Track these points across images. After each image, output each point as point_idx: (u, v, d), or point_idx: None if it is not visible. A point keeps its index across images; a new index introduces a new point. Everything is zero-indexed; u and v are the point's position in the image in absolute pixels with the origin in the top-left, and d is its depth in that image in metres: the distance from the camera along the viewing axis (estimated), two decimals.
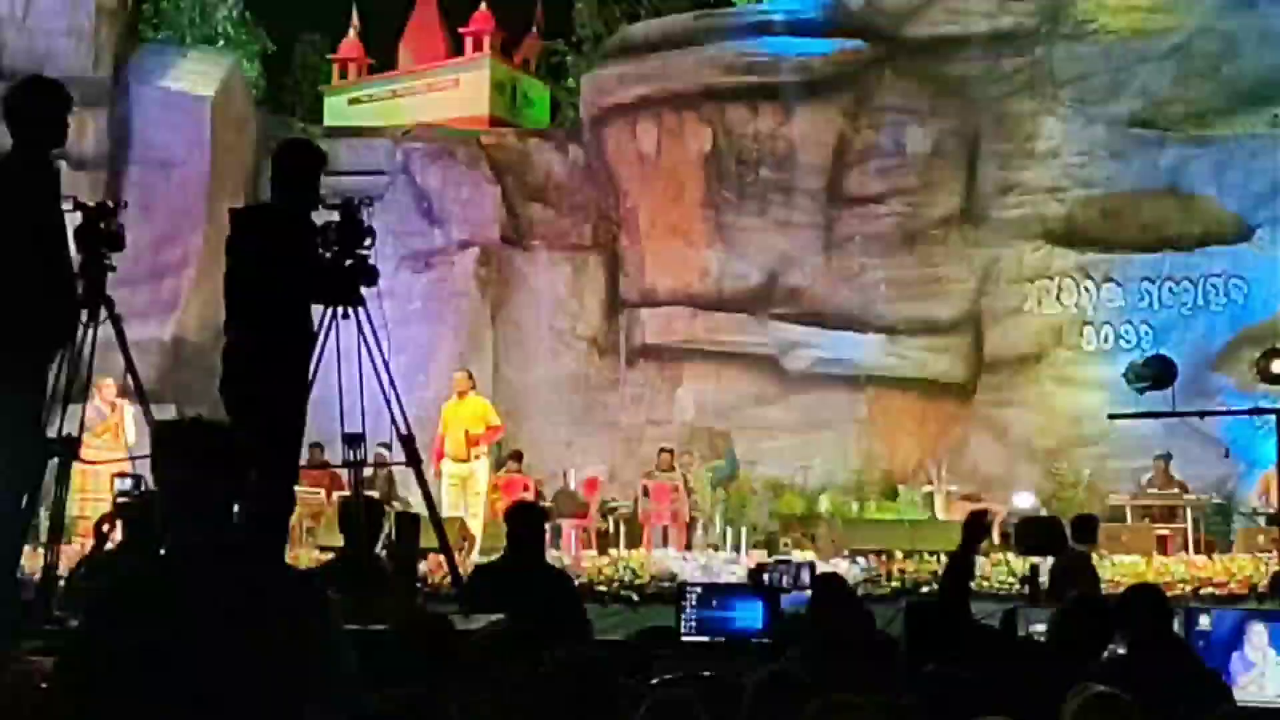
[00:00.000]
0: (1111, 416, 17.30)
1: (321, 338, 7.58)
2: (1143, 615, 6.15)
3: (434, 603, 9.69)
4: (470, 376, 17.63)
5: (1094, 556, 11.96)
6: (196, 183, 21.45)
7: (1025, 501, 17.92)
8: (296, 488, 8.02)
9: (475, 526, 16.39)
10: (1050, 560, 10.44)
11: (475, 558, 13.79)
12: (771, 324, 21.55)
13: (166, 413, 17.44)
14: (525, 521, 7.97)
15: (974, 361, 21.21)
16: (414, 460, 8.46)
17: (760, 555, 14.65)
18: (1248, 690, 6.74)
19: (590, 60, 24.04)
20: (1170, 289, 20.10)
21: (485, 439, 17.16)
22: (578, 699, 4.70)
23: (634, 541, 18.06)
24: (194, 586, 3.65)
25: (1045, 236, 20.77)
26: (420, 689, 4.80)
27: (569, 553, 15.92)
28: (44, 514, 8.06)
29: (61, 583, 8.10)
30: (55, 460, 7.29)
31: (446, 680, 5.02)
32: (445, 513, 15.37)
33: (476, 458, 16.83)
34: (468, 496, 16.70)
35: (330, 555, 10.94)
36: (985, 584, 13.30)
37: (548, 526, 11.48)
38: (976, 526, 7.20)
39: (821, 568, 10.06)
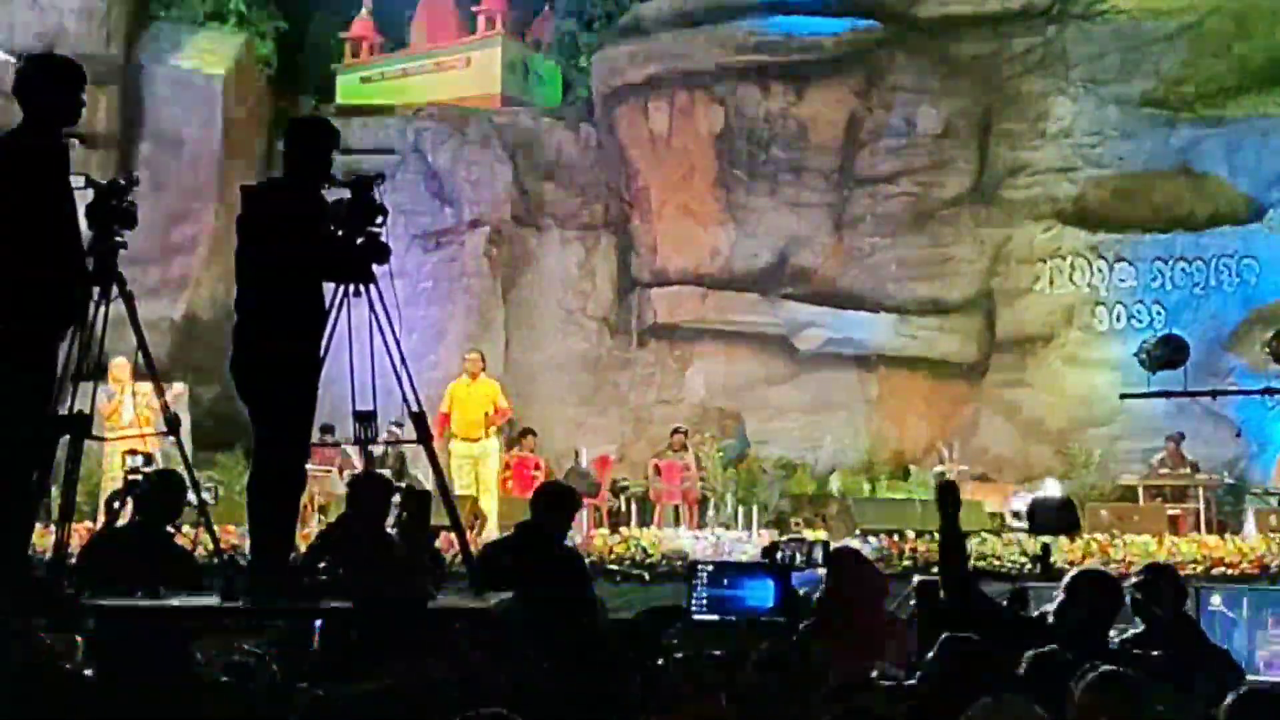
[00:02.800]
0: (1123, 396, 17.28)
1: (333, 316, 7.56)
2: (1159, 595, 6.13)
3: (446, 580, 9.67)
4: (482, 358, 17.64)
5: None
6: (208, 161, 21.52)
7: (1054, 489, 17.72)
8: (308, 466, 8.01)
9: (489, 505, 16.40)
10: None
11: (488, 536, 13.80)
12: (782, 304, 21.51)
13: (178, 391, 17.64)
14: (558, 507, 8.00)
15: (985, 342, 21.17)
16: (425, 437, 8.43)
17: (772, 535, 14.65)
18: None
19: (602, 39, 23.92)
20: (1182, 269, 20.04)
21: (495, 421, 17.18)
22: (588, 677, 4.71)
23: (646, 520, 18.08)
24: None
25: (1057, 216, 20.72)
26: (407, 667, 4.80)
27: (581, 531, 15.94)
28: (55, 492, 8.08)
29: (73, 560, 8.13)
30: (67, 438, 7.28)
31: (429, 658, 5.02)
32: (457, 492, 15.47)
33: (488, 437, 16.86)
34: (480, 475, 16.71)
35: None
36: (996, 563, 13.35)
37: None
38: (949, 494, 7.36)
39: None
